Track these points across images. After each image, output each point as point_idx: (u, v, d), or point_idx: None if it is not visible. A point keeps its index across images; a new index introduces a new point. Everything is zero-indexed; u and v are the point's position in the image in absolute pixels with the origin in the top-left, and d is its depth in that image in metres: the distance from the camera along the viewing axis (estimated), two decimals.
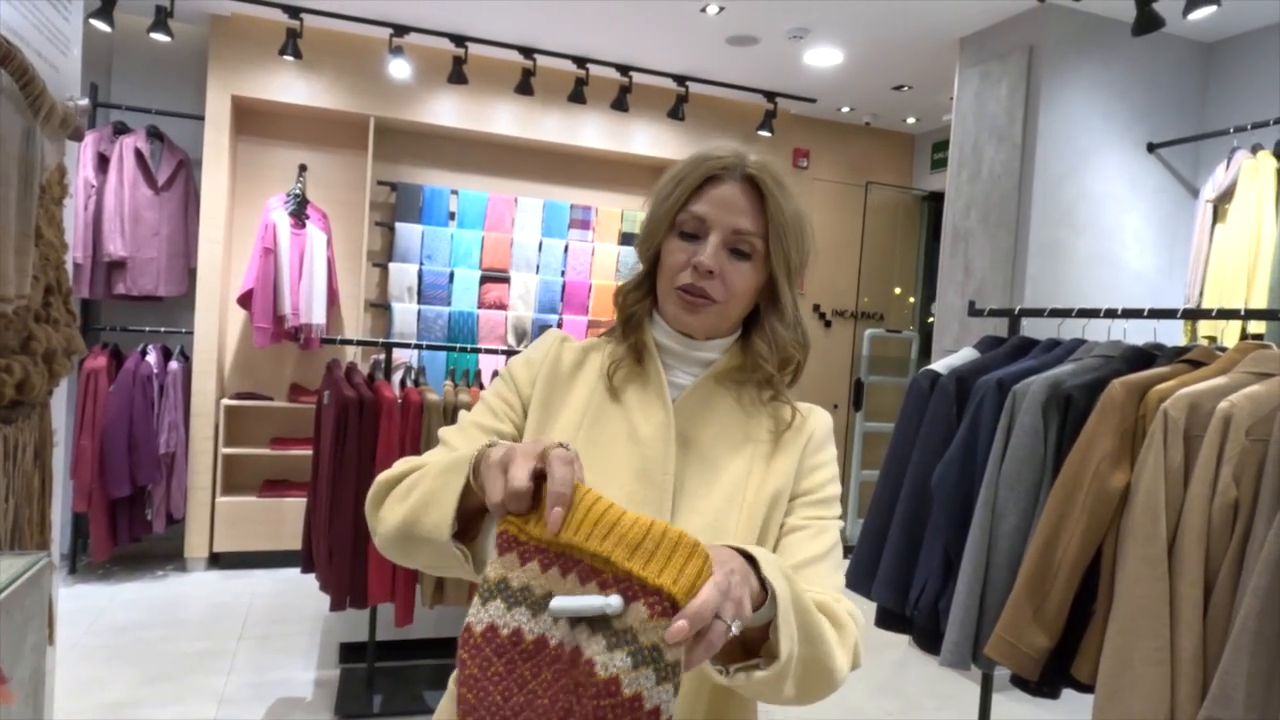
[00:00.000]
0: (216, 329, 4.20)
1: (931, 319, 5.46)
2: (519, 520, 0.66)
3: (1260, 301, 2.98)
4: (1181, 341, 3.14)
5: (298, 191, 4.30)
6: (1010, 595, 1.81)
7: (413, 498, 0.83)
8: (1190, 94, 3.59)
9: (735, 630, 0.63)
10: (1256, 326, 2.95)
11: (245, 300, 4.18)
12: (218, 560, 4.26)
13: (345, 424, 2.70)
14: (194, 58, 4.32)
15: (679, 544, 0.62)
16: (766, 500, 0.95)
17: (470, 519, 0.80)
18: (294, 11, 3.94)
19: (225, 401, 4.27)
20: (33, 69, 1.83)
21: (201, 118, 4.16)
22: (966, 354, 2.30)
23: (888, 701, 3.24)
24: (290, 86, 4.24)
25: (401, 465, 0.93)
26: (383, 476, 0.93)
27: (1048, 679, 1.80)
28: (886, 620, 2.26)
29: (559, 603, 0.61)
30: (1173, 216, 3.60)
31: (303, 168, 4.46)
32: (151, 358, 4.03)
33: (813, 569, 0.93)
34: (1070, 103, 3.41)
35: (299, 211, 4.25)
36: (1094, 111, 3.45)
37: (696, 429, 0.98)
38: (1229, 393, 1.56)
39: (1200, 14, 2.85)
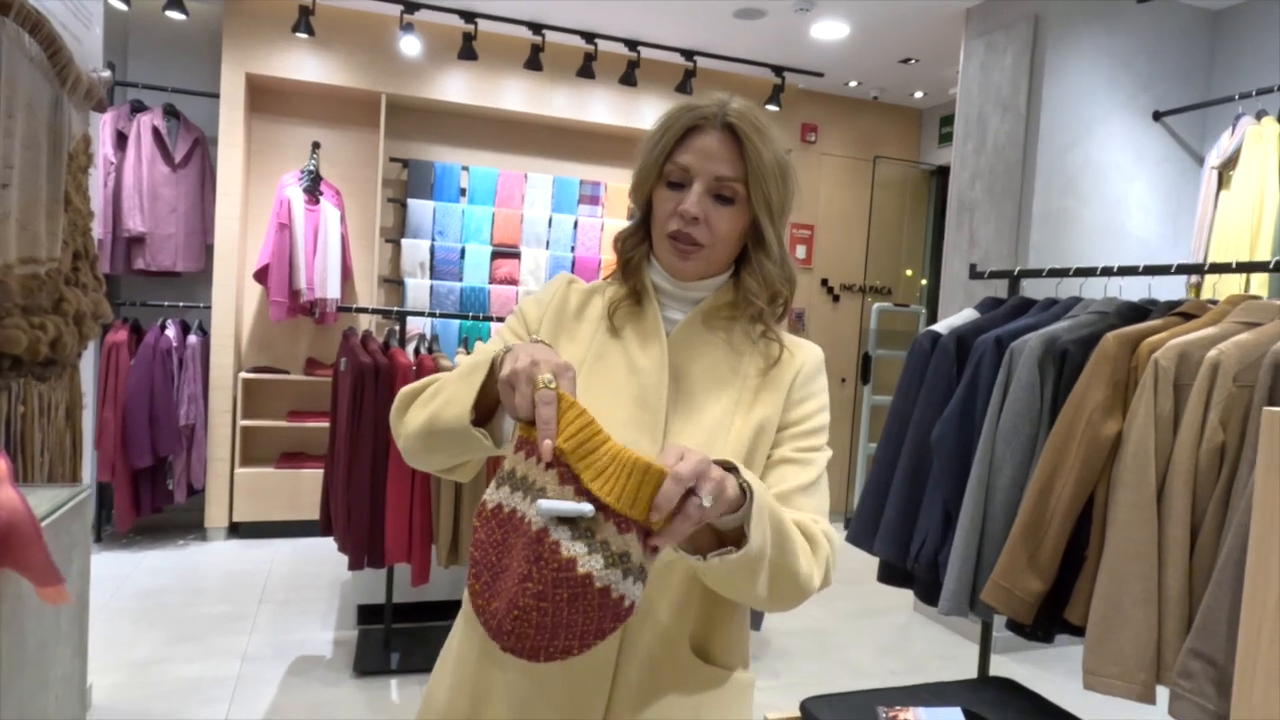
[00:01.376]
0: (234, 304, 4.28)
1: (923, 280, 5.49)
2: (529, 428, 0.80)
3: None
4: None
5: (311, 168, 4.37)
6: (1006, 543, 1.86)
7: (436, 401, 0.95)
8: (1196, 62, 3.60)
9: (707, 503, 0.75)
10: (1258, 287, 2.99)
11: (261, 275, 4.26)
12: (237, 530, 4.37)
13: (362, 389, 2.78)
14: (208, 36, 4.38)
15: (635, 468, 0.75)
16: (752, 428, 1.02)
17: (488, 410, 0.92)
18: None
19: (243, 375, 4.36)
20: (60, 39, 1.90)
21: (216, 96, 4.23)
22: (967, 314, 2.35)
23: (891, 661, 3.31)
24: (303, 64, 4.29)
25: (423, 381, 1.02)
26: (406, 389, 1.03)
27: (1042, 624, 1.86)
28: (889, 575, 2.32)
29: (543, 504, 0.76)
30: (1178, 185, 3.62)
31: (316, 145, 4.52)
32: (171, 332, 4.12)
33: (798, 498, 1.00)
34: (1075, 72, 3.43)
35: (313, 188, 4.32)
36: (1099, 81, 3.47)
37: (688, 362, 1.05)
38: (1218, 342, 1.61)
39: None
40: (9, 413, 1.81)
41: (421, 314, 3.10)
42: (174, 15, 3.84)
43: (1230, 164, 3.18)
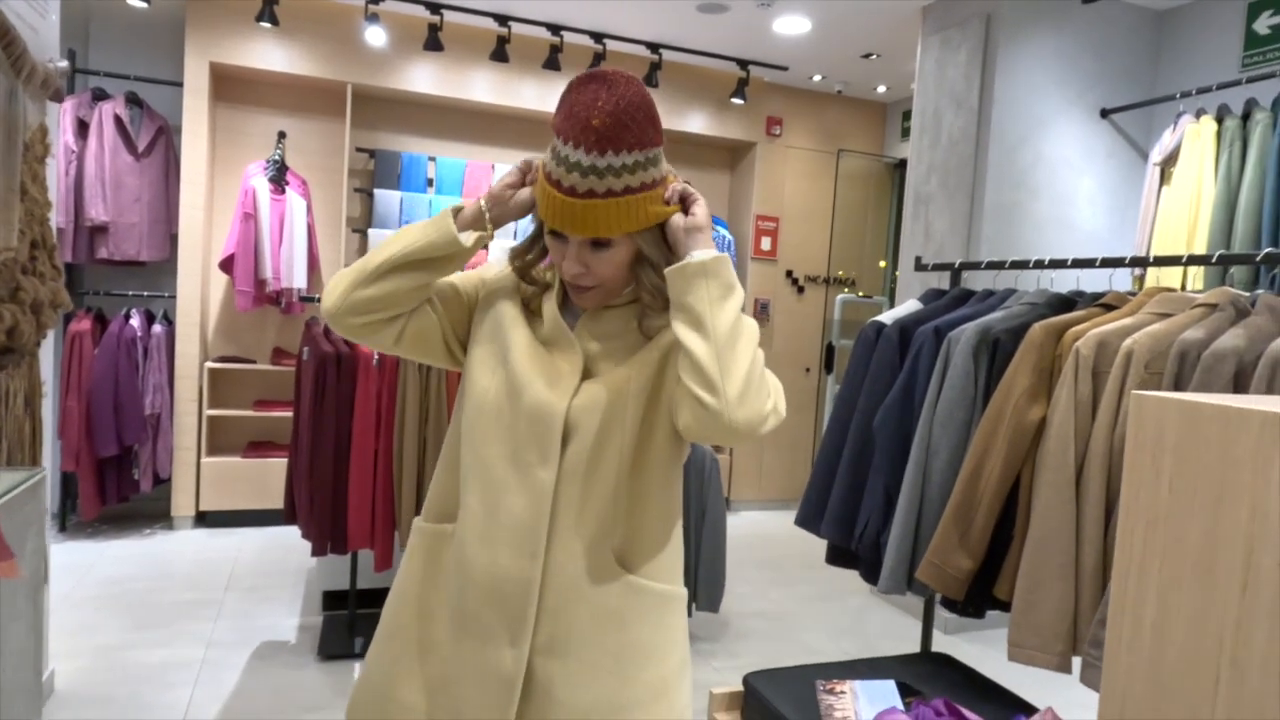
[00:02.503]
0: (199, 293, 4.28)
1: (883, 264, 5.59)
2: None
3: None
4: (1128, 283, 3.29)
5: (277, 158, 4.37)
6: (939, 523, 1.95)
7: (399, 242, 1.14)
8: (1142, 61, 3.71)
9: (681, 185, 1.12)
10: (1194, 279, 3.11)
11: (227, 265, 4.27)
12: (204, 519, 4.38)
13: (324, 378, 2.81)
14: (171, 24, 4.36)
15: None
16: (654, 365, 1.15)
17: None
18: None
19: (209, 364, 4.37)
20: (14, 29, 1.92)
21: (179, 84, 4.22)
22: (910, 305, 2.43)
23: (847, 643, 3.41)
24: (268, 54, 4.29)
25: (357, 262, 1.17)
26: (343, 270, 1.17)
27: (973, 600, 1.95)
28: (835, 556, 2.41)
29: None
30: (1125, 180, 3.73)
31: (281, 134, 4.52)
32: (135, 321, 4.12)
33: None
34: (1025, 70, 3.53)
35: (278, 178, 4.33)
36: (1048, 78, 3.57)
37: (593, 343, 1.19)
38: (1134, 331, 1.70)
39: None
40: None
41: None
42: (136, 3, 3.82)
43: (1171, 160, 3.29)
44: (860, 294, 5.64)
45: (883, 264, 5.84)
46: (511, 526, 1.11)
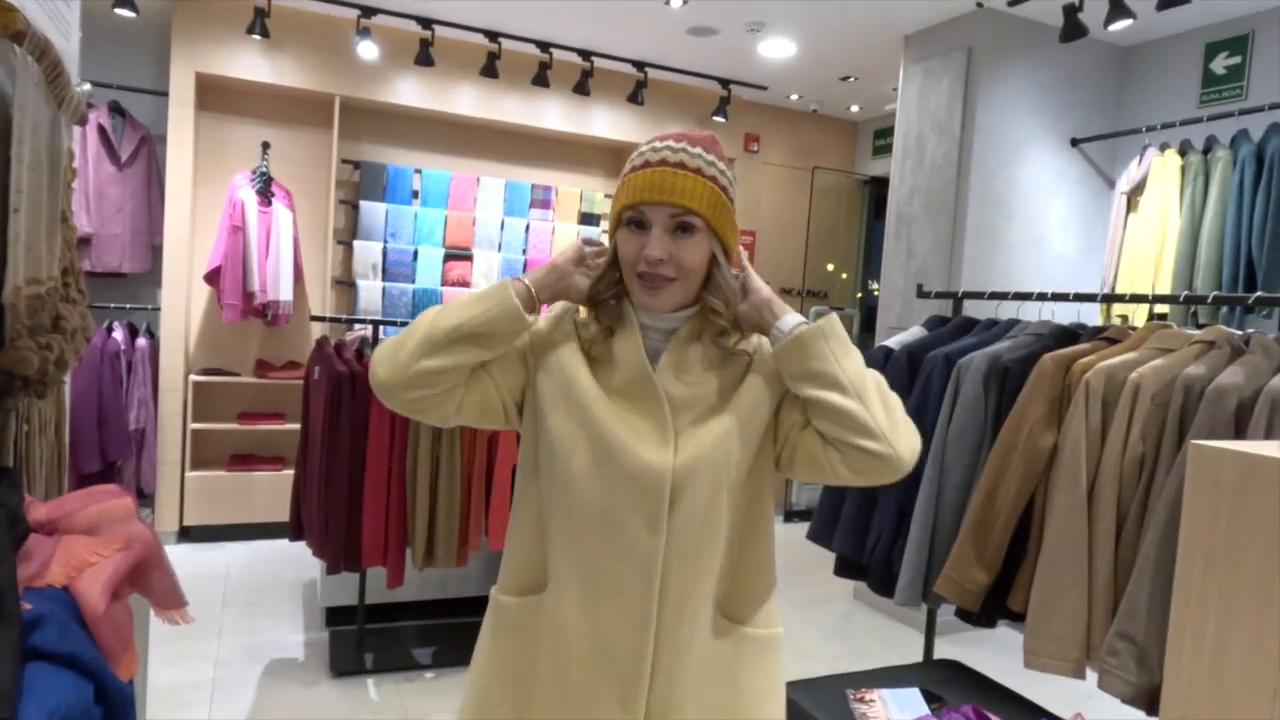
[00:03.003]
0: (183, 305, 4.23)
1: (875, 287, 5.79)
2: None
3: (1166, 284, 3.35)
4: (1098, 319, 3.50)
5: (263, 169, 4.34)
6: (956, 540, 2.09)
7: (457, 314, 1.08)
8: (1108, 94, 3.95)
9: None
10: (1161, 307, 3.33)
11: (212, 277, 4.22)
12: (188, 533, 4.33)
13: (339, 397, 2.84)
14: (155, 33, 4.30)
15: None
16: (755, 436, 1.14)
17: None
18: None
19: (193, 377, 4.32)
20: (62, 63, 1.93)
21: (163, 93, 4.17)
22: (916, 331, 2.58)
23: (837, 646, 3.56)
24: (256, 64, 4.26)
25: (405, 330, 1.13)
26: (390, 340, 1.12)
27: (986, 612, 2.10)
28: (844, 569, 2.54)
29: None
30: (1092, 206, 3.96)
31: (266, 145, 4.48)
32: (118, 334, 4.06)
33: None
34: (1004, 100, 3.72)
35: (265, 189, 4.30)
36: (1024, 108, 3.77)
37: (676, 386, 1.13)
38: (1138, 365, 1.86)
39: (1118, 26, 3.17)
40: (16, 431, 1.83)
41: (394, 323, 3.16)
42: (124, 13, 3.77)
43: (1138, 190, 3.52)
44: (832, 306, 5.82)
45: (845, 276, 6.03)
46: (620, 597, 1.09)
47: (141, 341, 4.13)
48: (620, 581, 1.09)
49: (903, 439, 1.06)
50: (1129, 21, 3.13)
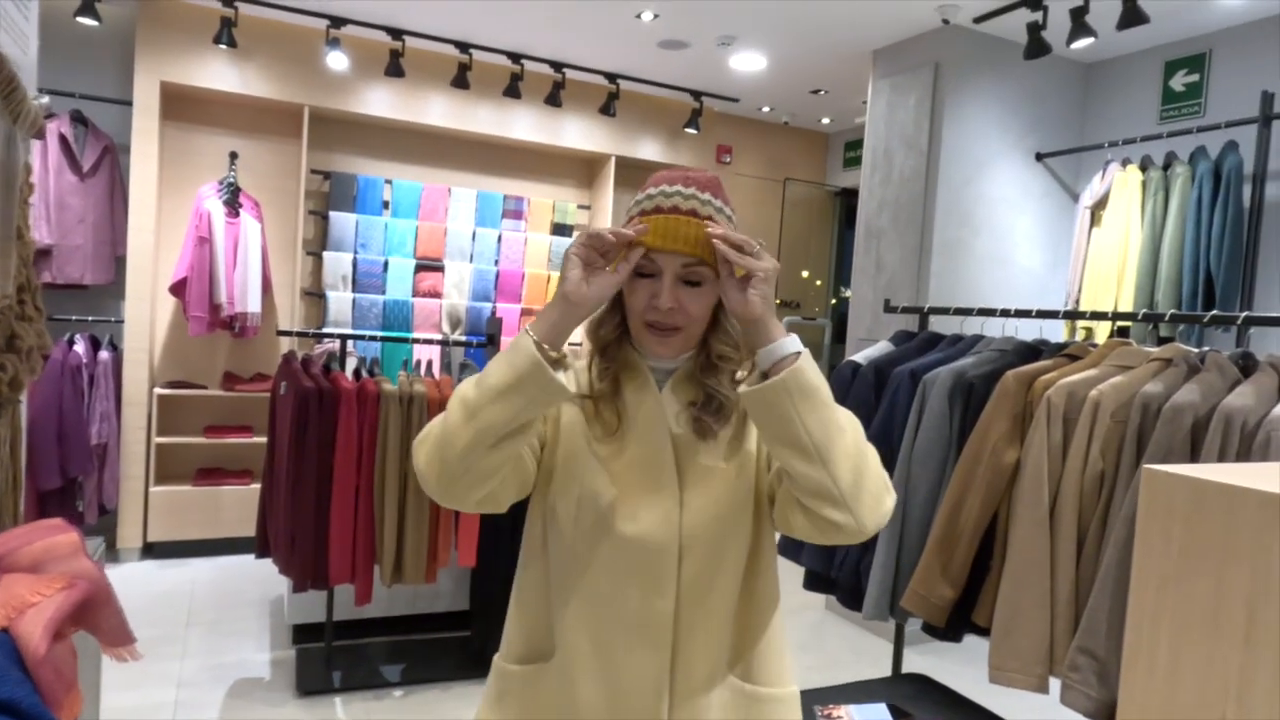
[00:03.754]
0: (148, 317, 4.17)
1: (847, 294, 5.84)
2: None
3: (1129, 297, 3.41)
4: (1062, 333, 3.56)
5: (230, 180, 4.29)
6: (922, 556, 2.11)
7: (502, 405, 0.96)
8: (1071, 110, 4.02)
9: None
10: (1123, 307, 3.39)
11: (178, 289, 4.16)
12: (152, 550, 4.25)
13: (306, 413, 2.80)
14: (119, 41, 4.24)
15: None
16: (752, 474, 1.12)
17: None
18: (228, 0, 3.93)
19: (158, 390, 4.25)
20: (17, 76, 1.89)
21: (127, 103, 4.10)
22: (883, 346, 2.60)
23: (809, 657, 3.57)
24: (223, 74, 4.22)
25: (436, 424, 1.02)
26: (429, 432, 1.02)
27: (952, 626, 2.11)
28: (814, 583, 2.55)
29: None
30: (1056, 220, 4.03)
31: (234, 155, 4.43)
32: (80, 347, 3.98)
33: None
34: (970, 115, 3.78)
35: (233, 200, 4.25)
36: (990, 124, 3.83)
37: (680, 430, 1.11)
38: (1099, 383, 1.89)
39: (1081, 44, 3.23)
40: None
41: (362, 336, 3.14)
42: (86, 21, 3.71)
43: (1101, 204, 3.58)
44: (804, 316, 5.86)
45: (819, 282, 6.08)
46: (631, 664, 1.06)
47: (104, 354, 4.06)
48: (631, 647, 1.06)
49: (866, 506, 0.99)
50: (1091, 40, 3.19)
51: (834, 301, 6.13)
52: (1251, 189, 3.14)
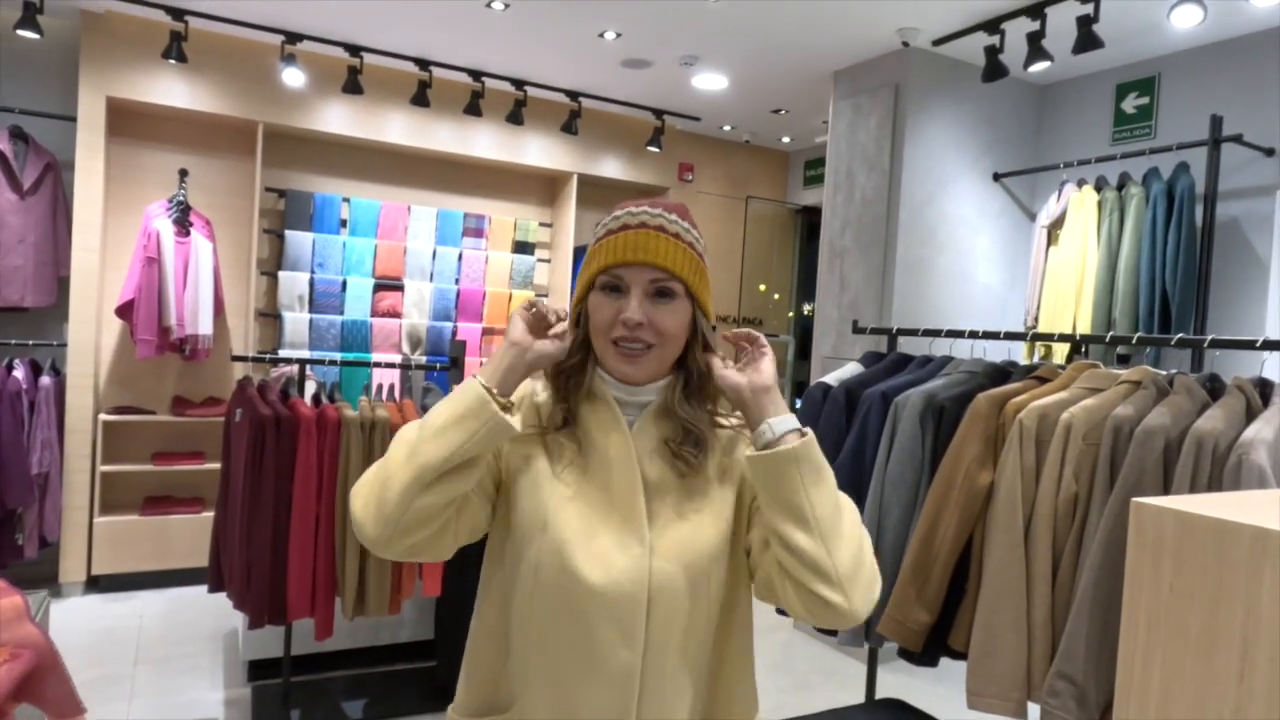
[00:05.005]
0: (92, 341, 4.01)
1: (808, 309, 5.88)
2: None
3: (1086, 315, 3.47)
4: (1022, 350, 3.61)
5: (180, 198, 4.16)
6: (896, 580, 2.10)
7: (441, 442, 0.94)
8: (1027, 130, 4.10)
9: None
10: (1082, 328, 3.44)
11: (125, 311, 4.01)
12: (96, 583, 4.07)
13: (262, 441, 2.70)
14: (61, 54, 4.09)
15: None
16: (727, 521, 1.06)
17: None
18: (177, 14, 3.81)
19: (103, 416, 4.08)
20: None
21: (70, 118, 3.96)
22: (852, 368, 2.60)
23: (780, 678, 3.54)
24: (172, 89, 4.09)
25: (375, 467, 0.99)
26: (367, 476, 0.99)
27: (928, 650, 2.10)
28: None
29: None
30: (1014, 238, 4.10)
31: (184, 173, 4.30)
32: (19, 373, 3.80)
33: None
34: (930, 136, 3.82)
35: (182, 219, 4.12)
36: (949, 144, 3.88)
37: (649, 468, 1.05)
38: (1069, 405, 1.90)
39: (1038, 67, 3.29)
40: None
41: (322, 362, 3.04)
42: (27, 34, 3.57)
43: (1058, 224, 3.64)
44: (767, 333, 5.87)
45: (777, 296, 6.11)
46: (595, 713, 1.00)
47: (45, 380, 3.88)
48: (594, 702, 1.00)
49: (859, 590, 0.96)
50: (1048, 63, 3.25)
51: (790, 315, 6.17)
52: (1204, 209, 3.22)
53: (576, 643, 1.00)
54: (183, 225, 4.10)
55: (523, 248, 5.22)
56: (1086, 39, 3.06)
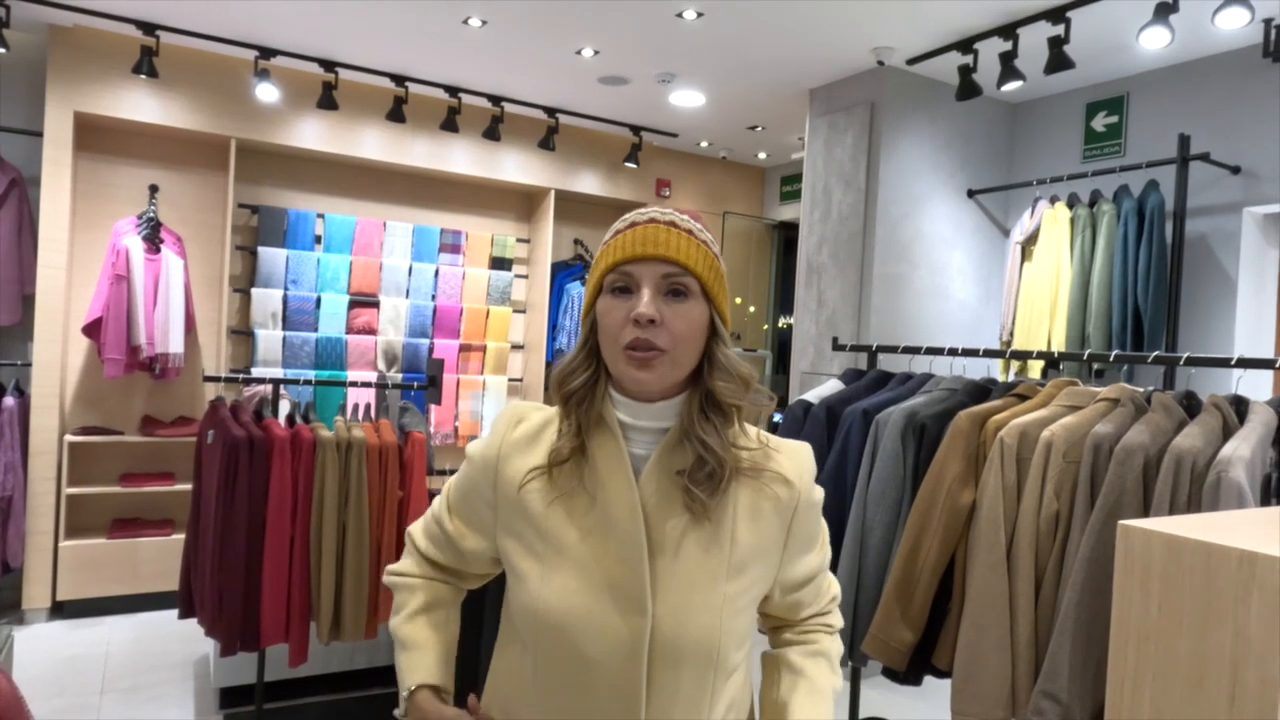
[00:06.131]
0: (59, 360, 3.92)
1: (785, 323, 5.89)
2: None
3: (1060, 330, 3.51)
4: (998, 366, 3.64)
5: (151, 214, 4.09)
6: (880, 599, 2.09)
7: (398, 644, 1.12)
8: (1000, 148, 4.15)
9: None
10: (1057, 345, 3.48)
11: (92, 329, 3.93)
12: (62, 609, 3.96)
13: (235, 463, 2.65)
14: (29, 69, 4.02)
15: None
16: (745, 584, 0.98)
17: None
18: (149, 28, 3.76)
19: (69, 438, 3.98)
20: None
21: (37, 133, 3.88)
22: (833, 385, 2.60)
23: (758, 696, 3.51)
24: (142, 104, 4.03)
25: (419, 528, 1.16)
26: (412, 531, 1.16)
27: (912, 669, 2.10)
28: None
29: None
30: (989, 254, 4.14)
31: (154, 188, 4.24)
32: None
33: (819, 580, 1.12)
34: (905, 153, 3.86)
35: (152, 235, 4.05)
36: (924, 162, 3.92)
37: (662, 508, 0.96)
38: (1050, 423, 1.91)
39: (1010, 86, 3.34)
40: None
41: (297, 381, 2.99)
42: None
43: (1031, 240, 3.69)
44: (745, 348, 5.89)
45: (753, 309, 6.13)
46: None
47: (9, 400, 3.79)
48: None
49: None
50: (1020, 82, 3.30)
51: (766, 328, 6.19)
52: (1173, 226, 3.28)
53: (574, 704, 0.96)
54: (153, 242, 4.03)
55: (500, 263, 5.19)
56: (1057, 59, 3.11)
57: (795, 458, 1.03)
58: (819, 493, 1.06)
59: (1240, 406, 1.80)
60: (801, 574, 1.07)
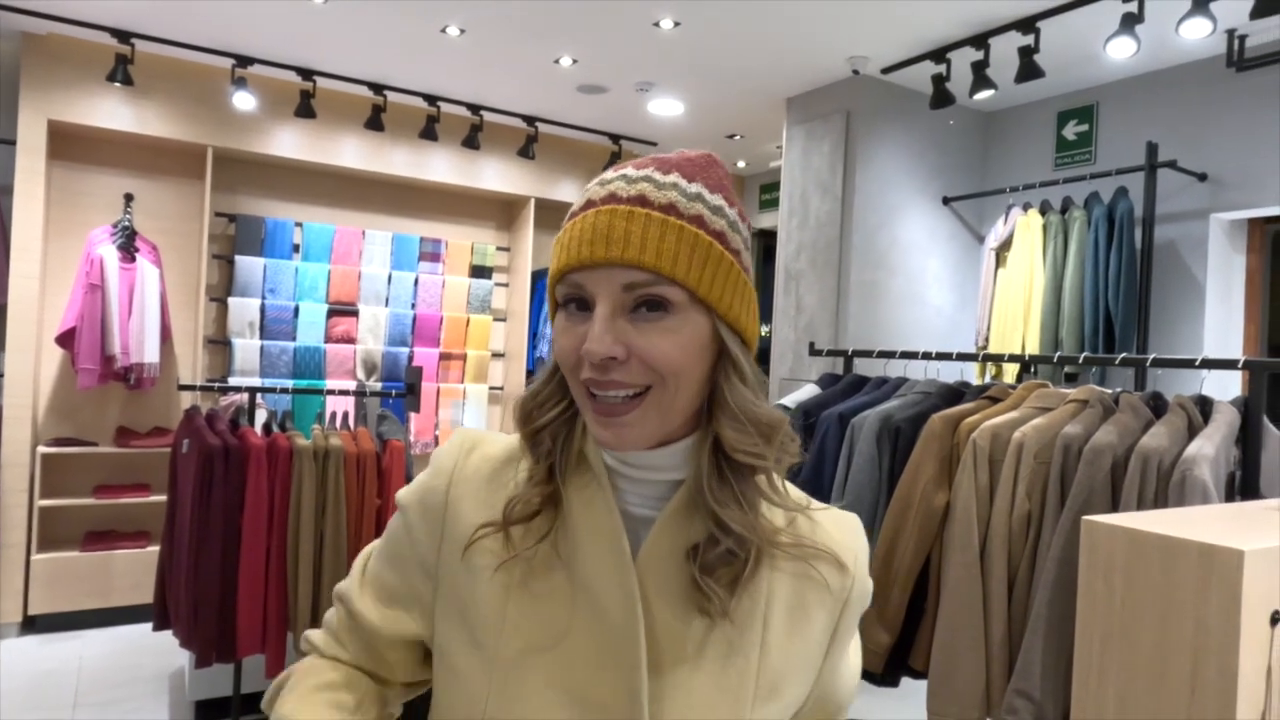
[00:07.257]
0: (31, 370, 3.87)
1: (764, 331, 5.92)
2: None
3: (1034, 335, 3.55)
4: (974, 370, 3.68)
5: (126, 223, 4.06)
6: None
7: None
8: (974, 155, 4.21)
9: None
10: (1031, 348, 3.52)
11: (65, 339, 3.88)
12: (34, 624, 3.90)
13: (210, 473, 2.63)
14: (1, 77, 3.98)
15: None
16: (774, 696, 0.70)
17: None
18: (124, 36, 3.74)
19: (41, 449, 3.93)
20: None
21: (9, 142, 3.85)
22: (809, 390, 2.62)
23: None
24: (117, 112, 4.00)
25: (330, 622, 0.82)
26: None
27: (889, 670, 2.11)
28: None
29: None
30: (964, 260, 4.19)
31: (129, 197, 4.20)
32: None
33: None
34: (881, 161, 3.91)
35: (128, 244, 4.01)
36: (900, 169, 3.97)
37: (664, 596, 0.68)
38: (1021, 424, 1.94)
39: (982, 95, 3.39)
40: None
41: (274, 389, 2.98)
42: None
43: (1005, 246, 3.74)
44: None
45: None
46: None
47: None
48: None
49: None
50: (991, 91, 3.35)
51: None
52: (1142, 232, 3.33)
53: None
54: (128, 251, 3.99)
55: (480, 272, 5.19)
56: (1028, 68, 3.16)
57: (844, 528, 0.75)
58: (871, 582, 0.78)
59: (1205, 407, 1.83)
60: (841, 689, 0.79)
